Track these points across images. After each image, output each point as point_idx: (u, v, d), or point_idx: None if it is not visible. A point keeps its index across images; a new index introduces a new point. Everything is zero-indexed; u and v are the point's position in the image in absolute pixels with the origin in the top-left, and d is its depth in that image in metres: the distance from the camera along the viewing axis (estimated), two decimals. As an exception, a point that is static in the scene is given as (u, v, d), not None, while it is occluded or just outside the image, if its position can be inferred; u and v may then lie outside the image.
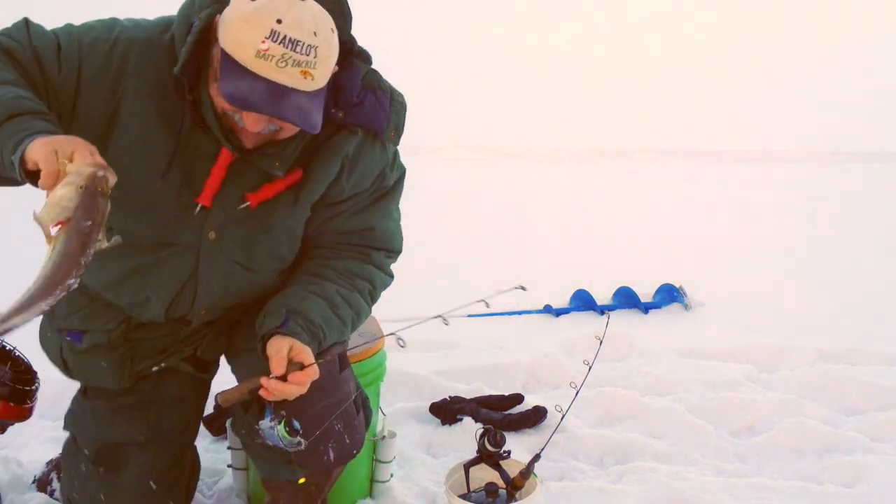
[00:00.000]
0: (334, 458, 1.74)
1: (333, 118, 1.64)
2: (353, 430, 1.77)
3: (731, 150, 7.98)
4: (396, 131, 1.73)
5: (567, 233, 4.98)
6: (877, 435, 2.62)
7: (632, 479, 2.32)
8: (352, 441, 1.76)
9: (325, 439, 1.70)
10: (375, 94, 1.68)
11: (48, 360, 1.88)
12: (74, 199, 1.30)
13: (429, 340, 3.28)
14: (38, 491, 2.17)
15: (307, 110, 1.48)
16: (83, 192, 1.30)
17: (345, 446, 1.75)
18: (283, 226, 1.70)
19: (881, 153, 8.00)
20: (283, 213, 1.68)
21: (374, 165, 1.72)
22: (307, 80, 1.46)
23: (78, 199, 1.31)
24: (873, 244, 4.84)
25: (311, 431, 1.62)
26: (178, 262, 1.67)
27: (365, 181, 1.72)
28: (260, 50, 1.42)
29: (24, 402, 1.96)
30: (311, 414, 1.65)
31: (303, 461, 1.73)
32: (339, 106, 1.64)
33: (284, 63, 1.43)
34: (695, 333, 3.44)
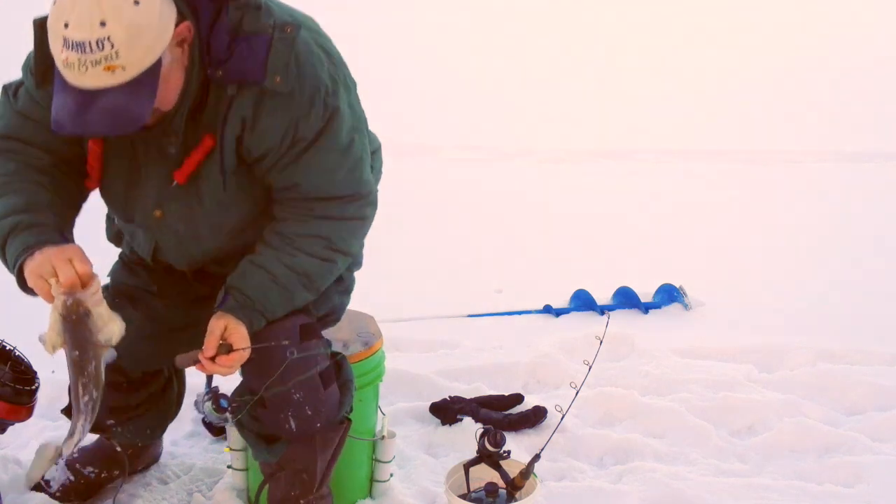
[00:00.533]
0: (296, 428, 1.79)
1: (213, 77, 1.58)
2: (317, 402, 1.79)
3: (731, 150, 7.98)
4: (282, 76, 1.58)
5: (567, 233, 4.98)
6: (877, 435, 2.62)
7: (632, 479, 2.32)
8: (314, 413, 1.79)
9: (283, 408, 1.77)
10: (248, 41, 1.57)
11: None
12: (59, 327, 1.48)
13: (429, 340, 3.28)
14: (34, 490, 2.17)
15: (122, 107, 1.44)
16: (63, 320, 1.48)
17: (307, 417, 1.79)
18: (213, 197, 1.71)
19: (881, 153, 8.00)
20: (211, 185, 1.70)
21: (274, 121, 1.62)
22: (116, 74, 1.41)
23: (61, 328, 1.49)
24: (873, 244, 4.83)
25: (240, 410, 1.74)
26: (141, 234, 1.87)
27: (270, 138, 1.64)
28: (63, 60, 1.42)
29: (24, 402, 1.96)
30: (269, 379, 1.74)
31: (265, 427, 1.82)
32: (213, 64, 1.57)
33: (84, 67, 1.40)
34: (695, 333, 3.43)
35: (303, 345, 1.77)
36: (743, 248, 4.76)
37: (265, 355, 1.69)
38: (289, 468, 1.86)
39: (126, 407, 2.07)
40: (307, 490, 1.90)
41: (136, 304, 1.96)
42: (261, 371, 1.75)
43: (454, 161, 6.81)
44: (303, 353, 1.75)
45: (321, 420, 1.81)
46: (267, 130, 1.63)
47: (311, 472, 1.88)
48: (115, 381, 1.98)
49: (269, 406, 1.79)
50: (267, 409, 1.80)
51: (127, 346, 1.93)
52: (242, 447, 2.18)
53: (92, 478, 2.16)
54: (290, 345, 1.72)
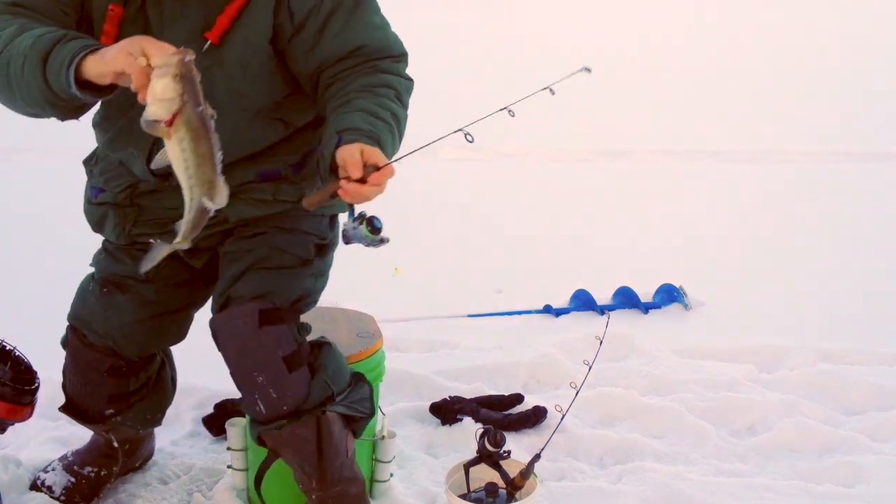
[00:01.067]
0: (265, 410, 1.82)
1: None
2: (282, 385, 1.81)
3: (731, 150, 7.98)
4: None
5: (567, 233, 4.98)
6: (877, 435, 2.62)
7: (632, 479, 2.33)
8: (279, 396, 1.81)
9: (251, 390, 1.81)
10: None
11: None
12: (177, 88, 1.36)
13: (429, 340, 3.29)
14: (32, 490, 2.17)
15: None
16: (181, 79, 1.36)
17: (272, 400, 1.81)
18: (235, 58, 1.72)
19: (881, 153, 8.00)
20: (237, 45, 1.71)
21: None
22: None
23: (180, 88, 1.37)
24: (873, 244, 4.83)
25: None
26: (137, 135, 1.73)
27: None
28: None
29: (25, 402, 1.96)
30: (236, 364, 1.81)
31: (246, 408, 1.87)
32: None
33: None
34: (695, 333, 3.43)
35: (262, 329, 1.80)
36: (743, 248, 4.76)
37: None
38: (285, 454, 1.90)
39: (126, 394, 2.08)
40: (313, 484, 1.92)
41: (125, 291, 1.99)
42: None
43: (454, 161, 6.81)
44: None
45: (287, 403, 1.82)
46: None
47: (304, 466, 1.89)
48: (115, 365, 2.02)
49: (239, 389, 1.85)
50: (241, 391, 1.85)
51: (121, 330, 1.98)
52: (242, 447, 2.18)
53: (92, 477, 2.16)
54: (250, 328, 1.78)
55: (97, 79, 1.48)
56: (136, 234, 1.96)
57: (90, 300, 2.02)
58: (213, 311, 1.90)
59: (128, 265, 2.00)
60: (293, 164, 1.94)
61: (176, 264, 2.01)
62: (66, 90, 1.50)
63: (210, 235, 1.95)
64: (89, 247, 2.15)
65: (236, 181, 1.84)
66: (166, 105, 1.37)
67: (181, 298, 2.06)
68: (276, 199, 1.92)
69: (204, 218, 1.50)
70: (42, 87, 1.52)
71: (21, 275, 4.09)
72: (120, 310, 1.99)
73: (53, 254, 4.35)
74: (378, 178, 1.53)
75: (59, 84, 1.50)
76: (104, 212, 1.98)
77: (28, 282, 3.98)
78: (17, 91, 1.57)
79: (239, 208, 1.89)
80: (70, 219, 5.67)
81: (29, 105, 1.60)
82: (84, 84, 1.49)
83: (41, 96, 1.54)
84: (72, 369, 2.09)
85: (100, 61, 1.46)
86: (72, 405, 2.13)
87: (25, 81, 1.54)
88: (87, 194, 2.03)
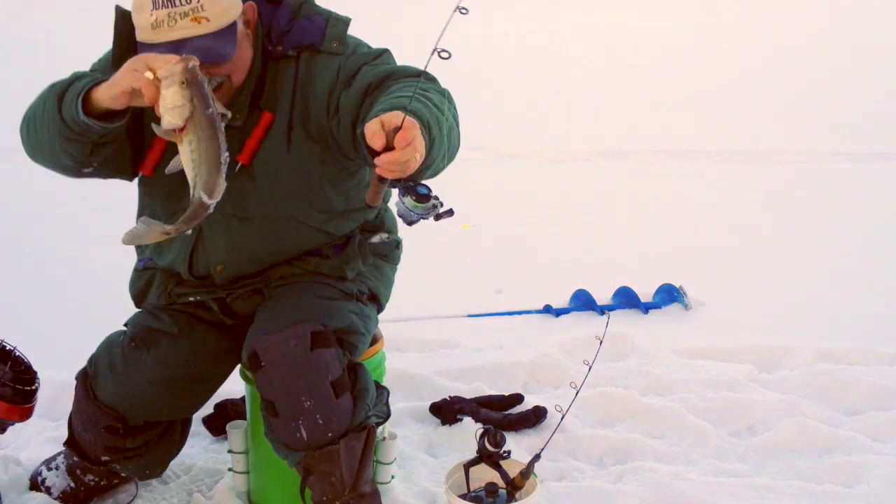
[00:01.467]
0: (307, 437, 1.78)
1: (273, 54, 1.82)
2: (328, 411, 1.77)
3: (731, 150, 7.98)
4: (339, 41, 1.82)
5: (567, 233, 4.98)
6: (877, 435, 2.62)
7: (632, 479, 2.32)
8: (325, 422, 1.77)
9: (295, 416, 1.77)
10: (309, 19, 1.83)
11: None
12: (185, 94, 1.43)
13: (429, 340, 3.29)
14: (31, 490, 2.17)
15: (210, 47, 1.64)
16: (188, 85, 1.43)
17: (318, 426, 1.77)
18: (265, 171, 1.83)
19: (881, 153, 8.00)
20: (268, 159, 1.81)
21: (330, 64, 1.81)
22: (202, 25, 1.62)
23: (188, 93, 1.44)
24: (873, 244, 4.84)
25: (431, 200, 1.51)
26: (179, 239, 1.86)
27: (329, 76, 1.80)
28: (152, 23, 1.61)
29: (24, 401, 1.96)
30: (281, 388, 1.76)
31: (279, 436, 1.80)
32: (273, 41, 1.82)
33: (174, 21, 1.61)
34: (695, 333, 3.44)
35: (314, 352, 1.78)
36: (743, 248, 4.76)
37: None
38: (316, 472, 1.83)
39: (122, 449, 2.03)
40: (338, 493, 1.86)
41: (152, 348, 1.95)
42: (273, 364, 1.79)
43: (454, 161, 6.81)
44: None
45: (332, 429, 1.78)
46: (321, 82, 1.81)
47: (338, 475, 1.84)
48: (112, 425, 1.97)
49: (280, 414, 1.78)
50: (279, 417, 1.78)
51: (136, 389, 1.94)
52: (243, 450, 2.18)
53: (92, 485, 2.15)
54: (302, 350, 1.77)
55: (110, 104, 1.56)
56: (178, 294, 2.01)
57: (115, 352, 1.97)
58: (252, 336, 1.86)
59: (164, 321, 2.00)
60: (334, 246, 2.01)
61: (215, 330, 2.01)
62: (77, 118, 1.57)
63: (251, 295, 1.98)
64: (89, 246, 2.16)
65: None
66: (178, 112, 1.43)
67: (207, 367, 2.02)
68: (318, 271, 1.98)
69: (202, 212, 1.53)
70: (57, 122, 1.60)
71: (21, 275, 4.09)
72: (141, 368, 1.94)
73: (53, 254, 4.36)
74: (403, 138, 1.40)
75: (71, 114, 1.58)
76: (151, 275, 2.05)
77: (28, 282, 3.98)
78: (41, 136, 1.67)
79: (281, 269, 1.97)
80: (70, 219, 5.69)
81: (50, 148, 1.68)
82: (101, 116, 1.57)
83: (56, 132, 1.62)
84: (75, 410, 2.05)
85: (110, 86, 1.54)
86: (73, 440, 2.10)
87: (45, 123, 1.64)
88: (134, 270, 2.11)
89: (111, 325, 2.07)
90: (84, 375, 2.00)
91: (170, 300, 2.02)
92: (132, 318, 2.07)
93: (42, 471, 2.17)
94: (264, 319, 1.88)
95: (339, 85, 1.79)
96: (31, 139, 1.73)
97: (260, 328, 1.85)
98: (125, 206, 5.01)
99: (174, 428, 2.11)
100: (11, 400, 1.92)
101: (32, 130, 1.71)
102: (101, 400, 1.96)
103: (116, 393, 1.95)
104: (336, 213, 1.96)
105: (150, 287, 2.06)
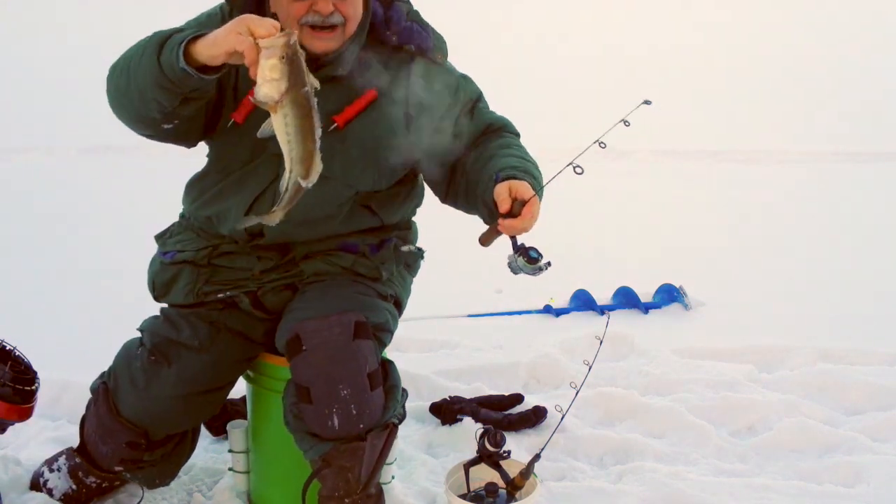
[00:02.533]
0: (338, 425, 1.78)
1: (388, 40, 1.94)
2: (362, 402, 1.79)
3: (731, 150, 7.98)
4: (444, 55, 2.00)
5: (567, 232, 4.98)
6: (877, 435, 2.62)
7: (632, 479, 2.32)
8: (358, 413, 1.78)
9: (330, 403, 1.76)
10: (420, 24, 1.98)
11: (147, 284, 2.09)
12: (283, 69, 1.46)
13: (429, 340, 3.28)
14: (32, 490, 2.17)
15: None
16: (287, 61, 1.46)
17: (350, 416, 1.78)
18: (355, 138, 1.90)
19: (881, 153, 8.00)
20: (357, 134, 1.89)
21: (447, 85, 1.98)
22: None
23: (286, 69, 1.46)
24: (873, 244, 4.84)
25: (540, 259, 1.82)
26: (264, 169, 1.89)
27: (444, 94, 1.97)
28: None
29: (24, 402, 1.96)
30: (320, 374, 1.77)
31: (309, 424, 1.80)
32: (392, 31, 1.94)
33: None
34: (695, 333, 3.43)
35: (355, 341, 1.80)
36: (743, 248, 4.76)
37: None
38: (335, 465, 1.84)
39: (139, 461, 2.03)
40: (352, 490, 1.87)
41: (172, 362, 1.95)
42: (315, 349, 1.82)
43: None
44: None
45: (364, 421, 1.80)
46: (444, 81, 1.98)
47: (356, 472, 1.85)
48: (135, 441, 1.97)
49: (314, 401, 1.78)
50: (312, 404, 1.79)
51: (160, 405, 1.94)
52: (243, 449, 2.18)
53: (94, 487, 2.15)
54: (345, 338, 1.80)
55: (209, 61, 1.56)
56: (206, 292, 2.00)
57: (135, 366, 1.96)
58: (293, 321, 1.87)
59: (184, 332, 1.98)
60: (371, 245, 2.04)
61: (238, 339, 2.01)
62: (177, 66, 1.56)
63: (282, 289, 2.00)
64: (89, 247, 2.16)
65: (319, 246, 1.99)
66: (275, 86, 1.46)
67: (226, 375, 2.04)
68: (354, 269, 2.01)
69: (298, 195, 1.58)
70: (155, 71, 1.60)
71: (21, 275, 4.09)
72: (163, 383, 1.94)
73: (53, 254, 4.36)
74: (527, 211, 1.73)
75: (170, 62, 1.57)
76: (178, 270, 2.02)
77: (28, 282, 3.98)
78: (133, 81, 1.66)
79: (316, 265, 1.99)
80: (69, 219, 5.69)
81: (140, 96, 1.66)
82: (198, 69, 1.58)
83: (152, 79, 1.61)
84: (93, 423, 2.03)
85: (211, 44, 1.54)
86: (84, 450, 2.10)
87: (141, 69, 1.62)
88: (155, 261, 2.08)
89: (112, 325, 2.07)
90: (105, 390, 1.99)
91: (197, 299, 2.01)
92: (147, 326, 2.04)
93: (44, 472, 2.17)
94: (304, 307, 1.89)
95: (460, 106, 2.01)
96: (122, 85, 1.70)
97: (302, 314, 1.86)
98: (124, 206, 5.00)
99: (188, 437, 2.11)
100: (11, 400, 1.92)
101: (124, 76, 1.69)
102: (124, 415, 1.95)
103: (140, 409, 1.95)
104: (386, 200, 2.04)
105: (176, 283, 2.02)
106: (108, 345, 2.08)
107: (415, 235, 2.27)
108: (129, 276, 2.57)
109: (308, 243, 2.01)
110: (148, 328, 2.03)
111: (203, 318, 2.01)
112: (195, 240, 2.05)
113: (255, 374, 2.12)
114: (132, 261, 2.14)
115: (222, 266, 2.01)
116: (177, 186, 2.14)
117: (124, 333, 2.08)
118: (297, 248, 2.01)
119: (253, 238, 1.99)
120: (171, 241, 2.08)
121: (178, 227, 2.12)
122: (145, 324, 2.06)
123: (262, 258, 2.00)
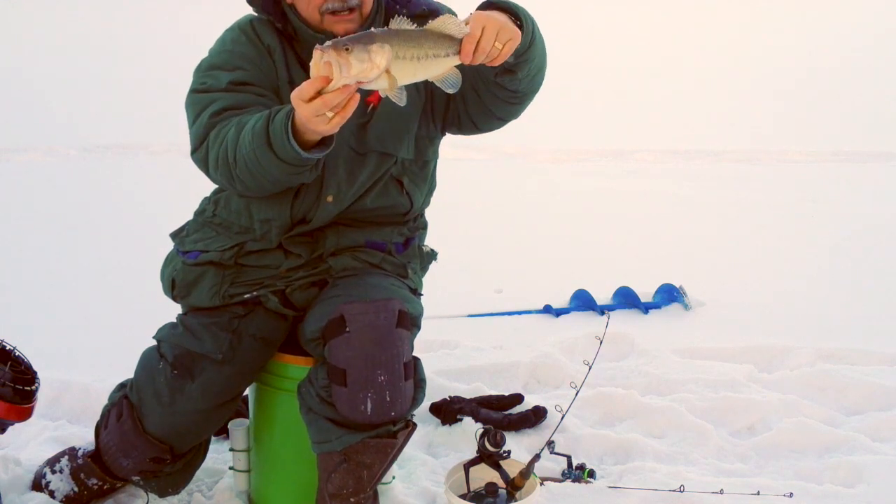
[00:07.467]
0: (371, 411, 1.79)
1: (397, 13, 1.90)
2: (397, 390, 1.81)
3: (731, 150, 7.98)
4: None
5: (567, 233, 4.98)
6: (877, 435, 2.62)
7: (632, 479, 2.32)
8: (392, 401, 1.80)
9: (366, 387, 1.78)
10: (429, 4, 1.99)
11: (161, 287, 2.08)
12: (356, 65, 1.47)
13: (429, 340, 3.28)
14: (33, 490, 2.17)
15: None
16: (345, 54, 1.47)
17: (384, 403, 1.80)
18: (385, 112, 1.92)
19: (881, 153, 8.00)
20: (389, 101, 1.86)
21: None
22: None
23: (355, 61, 1.47)
24: (873, 244, 4.84)
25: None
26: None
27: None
28: None
29: (24, 402, 1.96)
30: (361, 356, 1.78)
31: (342, 406, 1.80)
32: (405, 8, 1.95)
33: None
34: (695, 333, 3.43)
35: (397, 330, 1.82)
36: (743, 248, 4.76)
37: None
38: (353, 461, 1.84)
39: (157, 472, 2.03)
40: (360, 489, 1.87)
41: (196, 377, 1.94)
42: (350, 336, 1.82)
43: (454, 161, 6.82)
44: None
45: (395, 410, 1.81)
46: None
47: (374, 470, 1.86)
48: (161, 456, 1.98)
49: (349, 384, 1.79)
50: (346, 387, 1.79)
51: (186, 419, 1.94)
52: (245, 448, 2.18)
53: (95, 489, 2.15)
54: (389, 324, 1.81)
55: (316, 137, 1.63)
56: (231, 294, 1.99)
57: (159, 381, 1.94)
58: (335, 303, 1.87)
59: (207, 344, 1.96)
60: (397, 244, 2.07)
61: (258, 345, 2.01)
62: (303, 156, 1.63)
63: (308, 286, 2.00)
64: (89, 247, 2.15)
65: (347, 242, 1.99)
66: (373, 77, 1.49)
67: (247, 382, 2.06)
68: (382, 266, 2.02)
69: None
70: (282, 166, 1.68)
71: (21, 275, 4.09)
72: (188, 398, 1.93)
73: (53, 254, 4.36)
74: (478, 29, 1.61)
75: (291, 156, 1.64)
76: (202, 271, 2.00)
77: (28, 282, 3.98)
78: (265, 178, 1.74)
79: (345, 261, 1.99)
80: (69, 219, 5.69)
81: (275, 185, 1.78)
82: (315, 145, 1.65)
83: (283, 173, 1.70)
84: (114, 437, 2.02)
85: (305, 131, 1.60)
86: (99, 459, 2.09)
87: (269, 169, 1.69)
88: (175, 261, 2.06)
89: (112, 326, 2.07)
90: (129, 406, 1.98)
91: (223, 301, 1.99)
92: (166, 336, 2.01)
93: (46, 473, 2.17)
94: (345, 294, 1.89)
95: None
96: (251, 184, 1.78)
97: (344, 299, 1.86)
98: (125, 206, 5.02)
99: (203, 445, 2.12)
100: (11, 400, 1.92)
101: (248, 178, 1.75)
102: (149, 431, 1.95)
103: (166, 424, 1.95)
104: (417, 176, 2.06)
105: (199, 284, 2.00)
106: (108, 345, 2.08)
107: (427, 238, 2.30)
108: (129, 275, 2.57)
109: (337, 232, 2.00)
110: (167, 339, 2.00)
111: (224, 327, 1.98)
112: (217, 238, 2.02)
113: (260, 372, 2.11)
114: (132, 260, 2.14)
115: (249, 265, 2.00)
116: (177, 186, 2.15)
117: (124, 333, 2.08)
118: (326, 241, 2.00)
119: (294, 226, 1.98)
120: (190, 240, 2.06)
121: (195, 225, 2.10)
122: (163, 333, 2.03)
123: (290, 255, 2.00)
